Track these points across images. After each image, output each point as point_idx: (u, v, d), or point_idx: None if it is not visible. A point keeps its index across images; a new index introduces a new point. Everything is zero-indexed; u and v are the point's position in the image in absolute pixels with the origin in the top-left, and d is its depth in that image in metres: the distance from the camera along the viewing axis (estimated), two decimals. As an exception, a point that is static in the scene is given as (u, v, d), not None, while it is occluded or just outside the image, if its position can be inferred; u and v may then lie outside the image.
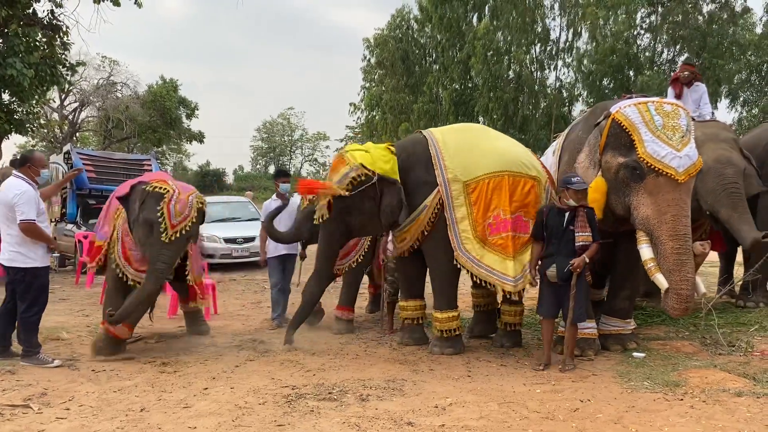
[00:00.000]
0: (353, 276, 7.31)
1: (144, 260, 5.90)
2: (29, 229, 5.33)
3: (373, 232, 6.50)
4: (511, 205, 5.74)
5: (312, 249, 6.74)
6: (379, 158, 5.91)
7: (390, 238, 6.84)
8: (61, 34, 10.84)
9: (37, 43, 10.21)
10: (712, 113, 7.69)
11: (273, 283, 7.50)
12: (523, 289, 5.87)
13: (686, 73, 7.39)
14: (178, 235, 5.67)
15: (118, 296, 5.99)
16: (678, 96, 7.25)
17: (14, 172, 5.59)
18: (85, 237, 9.72)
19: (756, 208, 7.09)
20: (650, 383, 4.90)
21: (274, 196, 7.67)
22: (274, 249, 7.34)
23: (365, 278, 7.85)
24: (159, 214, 5.61)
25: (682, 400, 4.48)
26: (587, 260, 5.32)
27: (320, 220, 5.97)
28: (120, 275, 6.00)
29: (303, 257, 7.33)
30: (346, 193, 5.77)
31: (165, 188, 5.75)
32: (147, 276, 5.76)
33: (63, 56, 11.26)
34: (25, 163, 5.54)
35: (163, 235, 5.61)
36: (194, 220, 5.81)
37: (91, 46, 37.12)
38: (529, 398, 4.64)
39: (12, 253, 5.38)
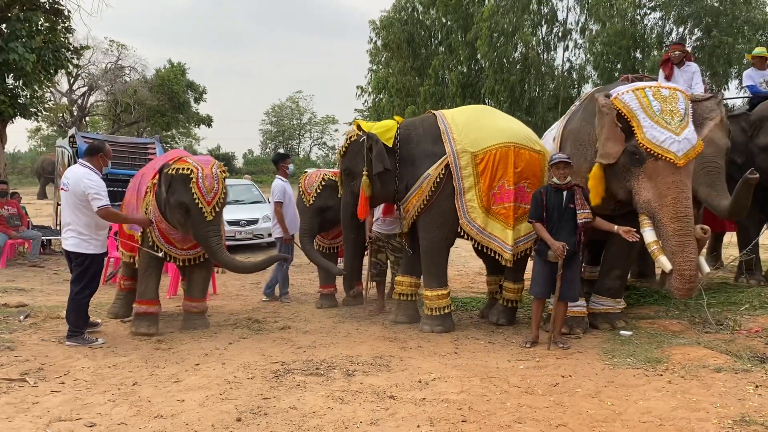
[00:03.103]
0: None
1: (186, 239, 6.11)
2: (107, 214, 5.57)
3: (377, 197, 6.37)
4: (515, 176, 5.95)
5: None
6: (377, 125, 6.30)
7: (377, 218, 6.97)
8: (63, 19, 10.92)
9: (39, 27, 10.30)
10: (722, 92, 7.67)
11: (289, 261, 7.87)
12: (518, 258, 6.07)
13: (677, 53, 7.34)
14: (217, 209, 5.87)
15: (151, 275, 6.24)
16: (668, 77, 7.22)
17: (80, 161, 5.79)
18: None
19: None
20: (633, 360, 4.99)
21: (281, 177, 7.92)
22: (291, 228, 7.75)
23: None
24: (193, 196, 5.73)
25: (661, 375, 4.56)
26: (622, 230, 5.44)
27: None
28: (165, 258, 6.23)
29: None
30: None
31: (188, 168, 5.81)
32: (212, 255, 6.00)
33: (66, 40, 11.33)
34: (97, 153, 5.75)
35: (205, 214, 5.77)
36: (224, 190, 5.97)
37: (97, 31, 37.36)
38: (511, 374, 4.74)
39: (76, 239, 5.61)
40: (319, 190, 7.20)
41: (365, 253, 7.71)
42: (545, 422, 3.78)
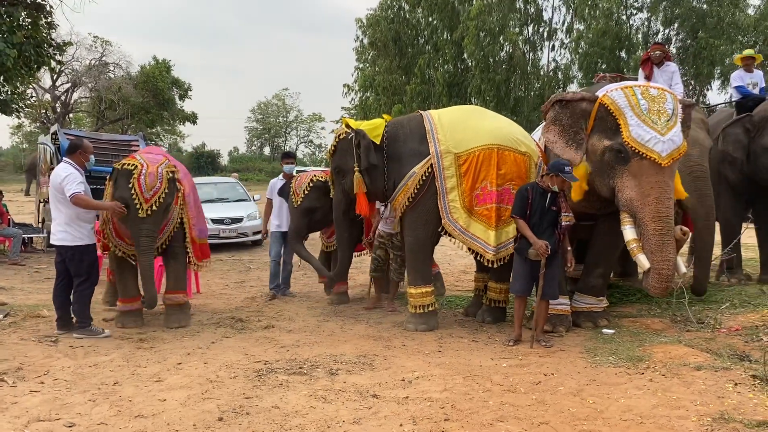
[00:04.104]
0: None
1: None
2: (78, 201, 5.61)
3: (369, 193, 6.36)
4: (498, 177, 5.94)
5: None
6: (365, 123, 6.39)
7: (384, 216, 6.99)
8: (46, 14, 10.77)
9: (21, 22, 10.16)
10: (705, 95, 7.78)
11: (272, 256, 8.02)
12: (504, 259, 6.01)
13: (657, 53, 7.39)
14: (154, 208, 5.83)
15: (126, 274, 6.35)
16: (648, 77, 7.27)
17: (64, 158, 5.93)
18: None
19: None
20: (615, 358, 5.01)
21: (280, 176, 8.13)
22: (277, 225, 7.91)
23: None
24: (131, 192, 5.78)
25: (643, 374, 4.59)
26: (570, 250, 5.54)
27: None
28: (118, 253, 6.26)
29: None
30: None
31: (133, 164, 5.92)
32: (137, 253, 5.99)
33: (48, 36, 11.19)
34: (76, 150, 5.90)
35: (139, 211, 5.77)
36: (167, 190, 5.94)
37: (80, 27, 37.06)
38: (494, 372, 4.75)
39: (61, 233, 5.71)
40: (307, 191, 7.26)
41: (358, 252, 7.80)
42: (527, 420, 3.79)
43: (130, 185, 5.78)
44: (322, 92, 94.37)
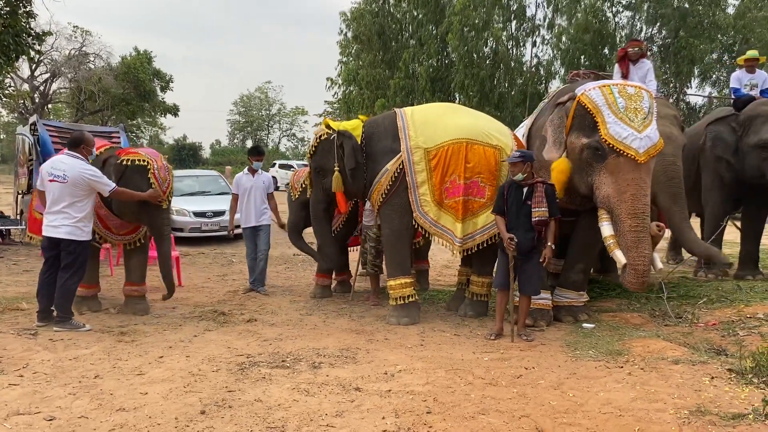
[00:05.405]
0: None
1: (123, 225, 6.40)
2: (118, 194, 5.81)
3: (350, 192, 6.54)
4: (466, 171, 6.03)
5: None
6: (344, 123, 6.50)
7: (367, 208, 7.05)
8: (25, 3, 10.62)
9: (-1, 11, 10.05)
10: (687, 91, 7.91)
11: (247, 253, 7.96)
12: (471, 250, 6.15)
13: (636, 49, 7.42)
14: (170, 198, 6.23)
15: (91, 263, 6.32)
16: (625, 74, 7.32)
17: (68, 151, 5.85)
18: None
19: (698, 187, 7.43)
20: (595, 352, 5.08)
21: (246, 170, 7.97)
22: (245, 220, 7.79)
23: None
24: (151, 186, 5.99)
25: (622, 367, 4.66)
26: (552, 246, 5.50)
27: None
28: (100, 242, 6.51)
29: (281, 225, 7.95)
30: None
31: (144, 160, 6.03)
32: (160, 242, 6.28)
33: (27, 25, 11.04)
34: (79, 144, 5.83)
35: (162, 203, 6.10)
36: (173, 178, 6.27)
37: (62, 16, 36.63)
38: (476, 366, 4.79)
39: (70, 227, 5.68)
40: (305, 185, 7.35)
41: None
42: (508, 413, 3.83)
43: (149, 179, 5.96)
44: (305, 86, 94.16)
